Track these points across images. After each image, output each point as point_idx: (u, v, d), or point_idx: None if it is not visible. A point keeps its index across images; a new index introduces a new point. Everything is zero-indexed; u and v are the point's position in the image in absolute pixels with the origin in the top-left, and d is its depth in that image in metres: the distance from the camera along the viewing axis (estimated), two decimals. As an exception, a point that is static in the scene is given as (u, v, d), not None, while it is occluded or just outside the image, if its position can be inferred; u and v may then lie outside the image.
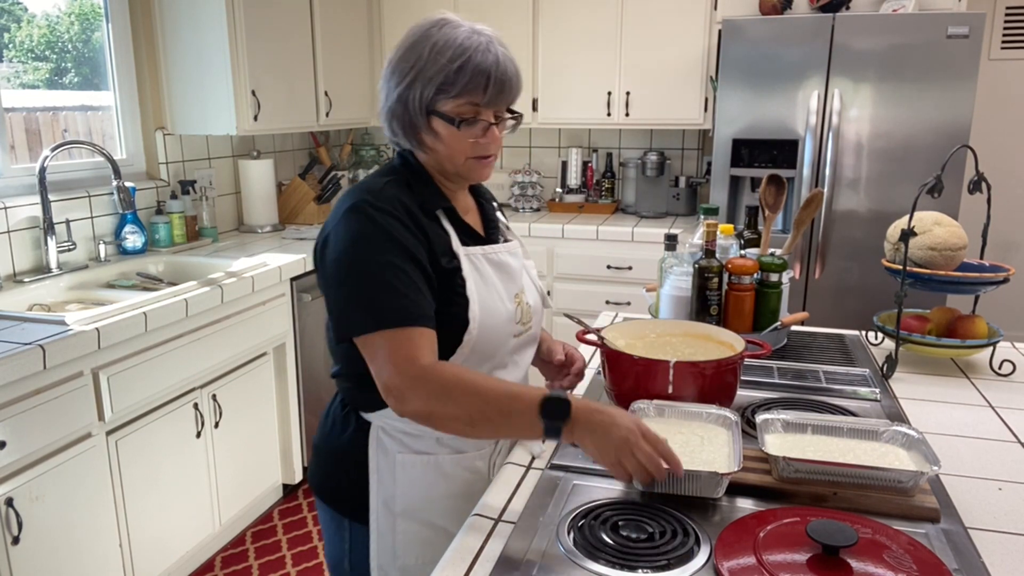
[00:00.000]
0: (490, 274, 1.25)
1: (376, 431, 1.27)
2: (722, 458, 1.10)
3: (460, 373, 1.10)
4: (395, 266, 1.12)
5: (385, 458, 1.26)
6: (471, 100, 1.17)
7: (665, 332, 1.48)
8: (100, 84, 3.01)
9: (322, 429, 1.36)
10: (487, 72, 1.15)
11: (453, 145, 1.20)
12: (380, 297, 1.11)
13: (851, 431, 1.20)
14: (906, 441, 1.16)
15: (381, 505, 1.27)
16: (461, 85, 1.15)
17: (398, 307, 1.11)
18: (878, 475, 1.07)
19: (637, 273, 3.55)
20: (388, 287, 1.11)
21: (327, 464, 1.34)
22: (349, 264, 1.13)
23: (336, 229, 1.17)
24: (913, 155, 3.00)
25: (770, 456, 1.11)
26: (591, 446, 1.04)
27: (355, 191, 1.19)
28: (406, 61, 1.18)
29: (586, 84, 3.75)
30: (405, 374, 1.08)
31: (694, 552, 0.96)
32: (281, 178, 3.84)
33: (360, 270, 1.12)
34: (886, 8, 3.14)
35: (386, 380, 1.10)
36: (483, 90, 1.16)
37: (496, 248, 1.29)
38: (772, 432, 1.20)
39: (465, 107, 1.17)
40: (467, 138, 1.19)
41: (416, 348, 1.10)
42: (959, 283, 1.66)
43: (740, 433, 1.15)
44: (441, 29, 1.17)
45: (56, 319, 2.03)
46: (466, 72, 1.14)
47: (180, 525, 2.44)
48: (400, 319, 1.10)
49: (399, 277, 1.12)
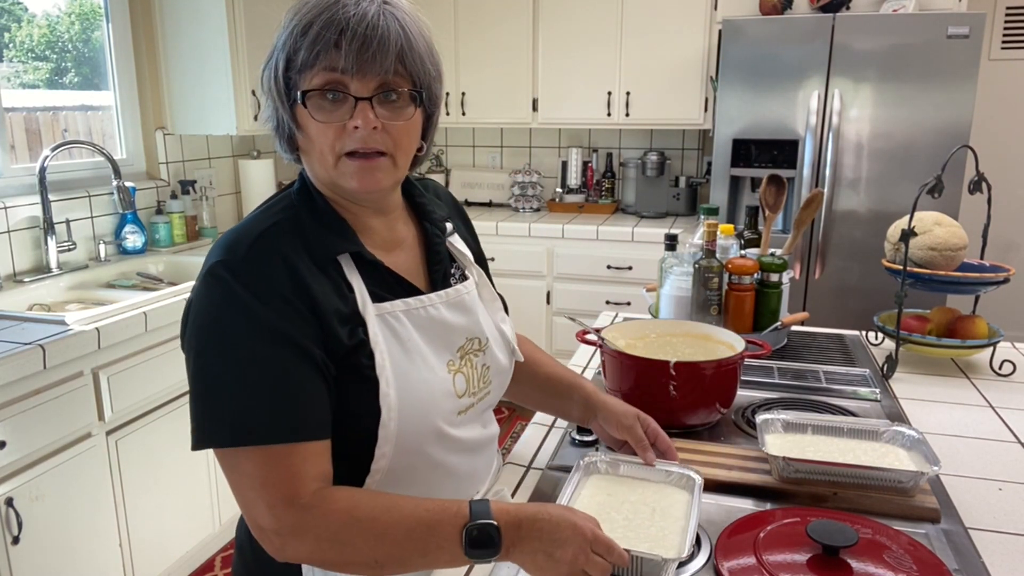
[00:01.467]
0: (414, 338, 0.92)
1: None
2: (674, 534, 0.93)
3: (355, 508, 0.82)
4: (265, 359, 0.82)
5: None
6: (327, 65, 0.84)
7: (665, 332, 1.48)
8: (100, 84, 3.01)
9: (242, 527, 0.99)
10: (339, 24, 0.83)
11: (318, 138, 0.87)
12: (242, 401, 0.82)
13: (851, 431, 1.20)
14: (906, 441, 1.16)
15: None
16: (308, 47, 0.84)
17: (267, 417, 0.82)
18: (878, 475, 1.07)
19: (637, 273, 3.55)
20: (254, 387, 0.82)
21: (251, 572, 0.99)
22: (201, 351, 0.84)
23: (196, 296, 0.86)
24: (913, 155, 3.00)
25: (770, 456, 1.11)
26: (533, 571, 0.83)
27: (223, 243, 0.87)
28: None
29: (586, 84, 3.75)
30: (281, 517, 0.81)
31: (694, 552, 0.96)
32: (281, 178, 3.84)
33: (217, 362, 0.83)
34: (886, 8, 3.14)
35: (257, 519, 0.82)
36: (335, 47, 0.83)
37: (426, 300, 0.95)
38: (772, 432, 1.20)
39: (323, 75, 0.84)
40: (330, 123, 0.86)
41: (295, 477, 0.81)
42: (959, 283, 1.66)
43: (700, 498, 0.98)
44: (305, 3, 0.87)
45: (56, 319, 2.03)
46: (313, 29, 0.83)
47: (180, 525, 2.44)
48: (270, 434, 0.81)
49: (270, 372, 0.82)
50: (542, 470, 1.22)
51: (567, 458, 1.23)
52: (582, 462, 1.08)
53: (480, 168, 4.35)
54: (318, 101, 0.86)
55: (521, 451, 1.29)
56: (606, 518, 0.97)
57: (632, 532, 0.94)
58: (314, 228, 0.90)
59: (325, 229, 0.90)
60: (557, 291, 3.68)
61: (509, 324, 1.09)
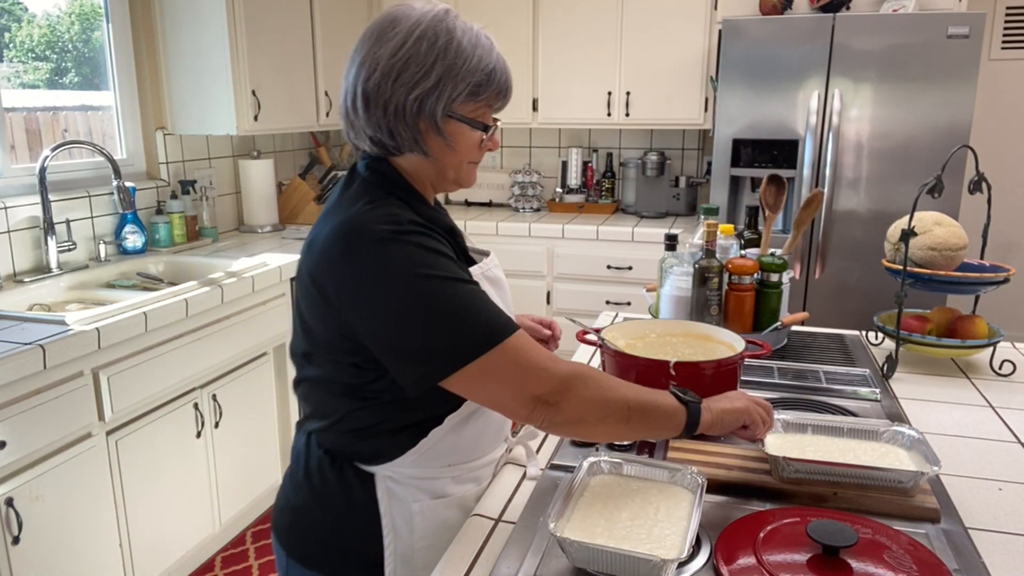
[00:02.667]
0: (492, 293, 1.12)
1: (384, 483, 1.11)
2: (677, 534, 0.95)
3: (590, 368, 1.03)
4: (464, 280, 1.00)
5: (400, 510, 1.12)
6: (489, 104, 1.09)
7: (665, 332, 1.48)
8: (100, 84, 3.01)
9: (302, 489, 1.16)
10: (509, 78, 1.10)
11: (464, 150, 1.09)
12: (476, 315, 0.98)
13: (851, 431, 1.20)
14: (906, 441, 1.16)
15: (400, 564, 1.13)
16: (490, 89, 1.07)
17: (500, 317, 0.99)
18: (878, 475, 1.07)
19: (637, 273, 3.55)
20: (475, 303, 0.99)
21: (318, 528, 1.14)
22: (413, 303, 0.97)
23: (372, 272, 0.98)
24: (913, 155, 3.00)
25: (770, 456, 1.11)
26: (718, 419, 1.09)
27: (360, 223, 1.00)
28: (423, 58, 1.02)
29: (586, 84, 3.75)
30: (552, 376, 0.98)
31: (694, 552, 0.96)
32: (281, 178, 3.84)
33: (431, 301, 0.97)
34: (886, 8, 3.14)
35: (534, 391, 0.97)
36: (504, 95, 1.10)
37: (488, 264, 1.19)
38: (772, 432, 1.20)
39: (482, 110, 1.08)
40: (483, 143, 1.11)
41: (543, 352, 1.00)
42: (959, 283, 1.66)
43: (702, 498, 1.00)
44: (456, 22, 1.05)
45: (56, 319, 2.03)
46: (496, 76, 1.07)
47: (180, 525, 2.44)
48: (511, 326, 0.99)
49: (475, 291, 1.00)
50: (542, 470, 1.22)
51: (567, 458, 1.23)
52: (585, 463, 1.08)
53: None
54: (473, 125, 1.08)
55: (521, 451, 1.29)
56: (610, 517, 0.97)
57: (636, 532, 0.95)
58: (418, 207, 1.08)
59: (424, 205, 1.10)
60: (557, 291, 3.68)
61: None
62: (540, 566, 0.95)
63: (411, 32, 1.02)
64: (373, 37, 1.05)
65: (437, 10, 1.05)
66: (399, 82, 1.03)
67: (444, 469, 1.13)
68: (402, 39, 1.02)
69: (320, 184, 3.86)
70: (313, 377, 1.11)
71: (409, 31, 1.03)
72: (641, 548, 0.90)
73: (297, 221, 3.75)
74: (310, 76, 3.51)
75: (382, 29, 1.05)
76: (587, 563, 0.92)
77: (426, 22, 1.03)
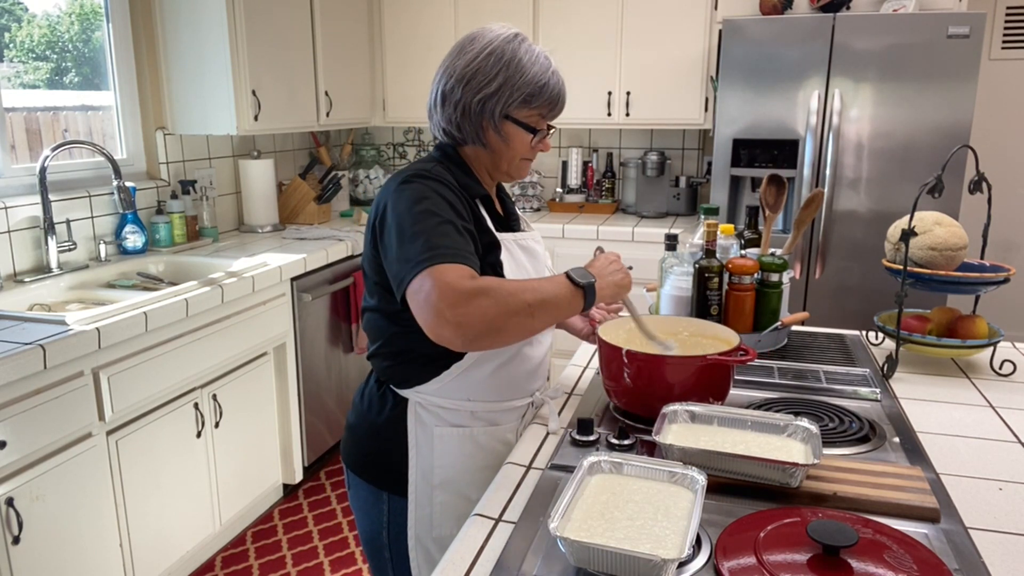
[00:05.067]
0: (522, 259, 1.36)
1: (414, 407, 1.35)
2: (677, 534, 0.94)
3: (495, 279, 1.18)
4: (450, 222, 1.20)
5: (424, 432, 1.35)
6: (541, 112, 1.34)
7: (698, 332, 1.49)
8: (100, 84, 3.01)
9: (357, 408, 1.43)
10: (560, 92, 1.35)
11: (517, 147, 1.35)
12: (436, 240, 1.16)
13: (755, 424, 1.21)
14: (805, 436, 1.16)
15: (420, 478, 1.36)
16: (542, 100, 1.32)
17: (447, 248, 1.15)
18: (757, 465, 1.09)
19: (637, 273, 3.53)
20: (444, 234, 1.17)
21: (365, 441, 1.40)
22: (407, 224, 1.19)
23: (394, 200, 1.23)
24: (913, 155, 3.00)
25: (660, 444, 1.12)
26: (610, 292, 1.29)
27: (404, 172, 1.28)
28: (490, 69, 1.28)
29: (586, 84, 3.75)
30: (456, 297, 1.10)
31: (694, 552, 0.96)
32: (281, 178, 3.84)
33: (417, 225, 1.18)
34: (886, 8, 3.14)
35: (441, 313, 1.10)
36: (555, 106, 1.35)
37: (525, 235, 1.40)
38: (679, 422, 1.23)
39: (535, 117, 1.34)
40: (532, 143, 1.35)
41: (463, 274, 1.13)
42: (959, 283, 1.66)
43: (702, 498, 0.99)
44: (521, 44, 1.31)
45: (56, 319, 2.03)
46: (548, 89, 1.32)
47: (180, 525, 2.44)
48: (449, 256, 1.14)
49: (455, 228, 1.19)
50: (542, 470, 1.22)
51: (567, 458, 1.23)
52: (586, 462, 1.08)
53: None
54: (525, 127, 1.33)
55: (521, 451, 1.29)
56: (610, 517, 0.97)
57: (636, 532, 0.94)
58: (462, 177, 1.33)
59: (470, 180, 1.34)
60: (557, 291, 3.68)
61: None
62: (540, 566, 0.95)
63: (484, 48, 1.29)
64: (456, 50, 1.33)
65: (508, 33, 1.32)
66: (468, 87, 1.29)
67: (464, 403, 1.35)
68: (476, 53, 1.30)
69: (320, 184, 3.86)
70: (369, 306, 1.36)
71: (483, 48, 1.30)
72: (641, 548, 0.89)
73: (297, 221, 3.75)
74: (310, 76, 3.51)
75: (463, 44, 1.32)
76: (587, 563, 0.92)
77: (497, 41, 1.30)
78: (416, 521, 1.37)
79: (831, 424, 1.34)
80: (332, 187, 3.80)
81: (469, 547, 1.02)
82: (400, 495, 1.38)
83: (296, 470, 3.05)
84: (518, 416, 1.42)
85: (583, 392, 1.56)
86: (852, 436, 1.29)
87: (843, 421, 1.35)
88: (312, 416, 3.10)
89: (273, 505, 3.04)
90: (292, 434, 3.00)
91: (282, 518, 2.95)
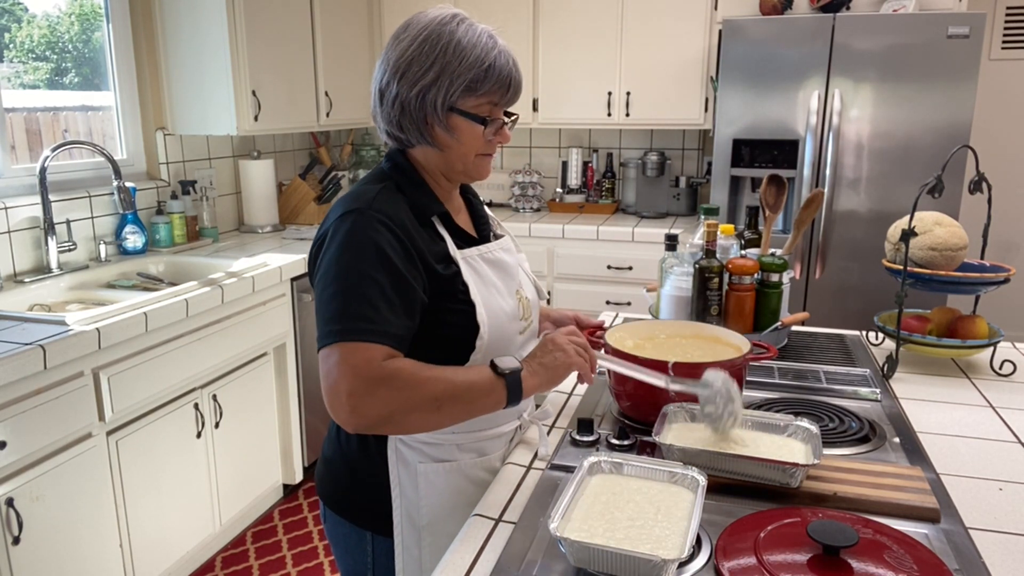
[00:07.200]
0: (488, 274, 1.23)
1: (394, 443, 1.22)
2: (677, 534, 0.94)
3: (408, 365, 1.07)
4: (376, 282, 1.07)
5: (406, 470, 1.23)
6: (491, 100, 1.17)
7: (675, 333, 1.48)
8: (100, 84, 3.01)
9: (334, 442, 1.30)
10: (511, 73, 1.17)
11: (469, 142, 1.19)
12: (353, 308, 1.06)
13: (757, 424, 1.21)
14: (805, 436, 1.16)
15: (405, 519, 1.24)
16: (489, 84, 1.15)
17: (370, 319, 1.06)
18: (757, 466, 1.09)
19: (637, 273, 3.55)
20: (365, 299, 1.06)
21: (343, 478, 1.28)
22: (331, 276, 1.09)
23: (331, 235, 1.13)
24: (913, 155, 3.00)
25: (660, 444, 1.12)
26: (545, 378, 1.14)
27: (346, 200, 1.16)
28: (425, 57, 1.13)
29: (586, 84, 3.75)
30: (359, 383, 1.03)
31: (695, 552, 0.96)
32: (281, 178, 3.84)
33: (338, 283, 1.08)
34: (886, 8, 3.14)
35: (340, 392, 1.04)
36: (506, 91, 1.18)
37: (491, 247, 1.27)
38: (679, 422, 1.23)
39: (484, 106, 1.17)
40: (486, 136, 1.19)
41: (372, 357, 1.04)
42: (959, 283, 1.66)
43: (703, 498, 0.99)
44: (459, 26, 1.15)
45: (56, 319, 2.03)
46: (493, 72, 1.15)
47: (180, 525, 2.44)
48: (362, 332, 1.05)
49: (374, 290, 1.07)
50: (542, 470, 1.22)
51: (567, 458, 1.23)
52: (586, 462, 1.08)
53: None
54: (472, 119, 1.17)
55: (521, 451, 1.29)
56: (610, 517, 0.97)
57: (636, 532, 0.94)
58: (414, 194, 1.20)
59: (423, 196, 1.20)
60: (557, 291, 3.68)
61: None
62: (540, 566, 0.95)
63: (418, 35, 1.15)
64: (391, 41, 1.18)
65: (444, 15, 1.16)
66: (403, 80, 1.15)
67: (448, 436, 1.23)
68: (409, 41, 1.15)
69: (320, 184, 3.86)
70: None
71: (417, 34, 1.15)
72: (641, 548, 0.89)
73: (297, 221, 3.75)
74: (310, 76, 3.51)
75: (396, 33, 1.18)
76: (587, 563, 0.92)
77: (432, 25, 1.15)
78: (405, 565, 1.25)
79: (831, 424, 1.34)
80: (332, 187, 3.80)
81: (469, 547, 1.02)
82: (385, 535, 1.26)
83: (296, 470, 3.05)
84: (505, 442, 1.30)
85: (582, 393, 1.56)
86: (852, 436, 1.29)
87: (843, 421, 1.35)
88: (312, 416, 3.10)
89: (273, 505, 3.04)
90: (292, 434, 3.00)
91: (282, 518, 2.95)
